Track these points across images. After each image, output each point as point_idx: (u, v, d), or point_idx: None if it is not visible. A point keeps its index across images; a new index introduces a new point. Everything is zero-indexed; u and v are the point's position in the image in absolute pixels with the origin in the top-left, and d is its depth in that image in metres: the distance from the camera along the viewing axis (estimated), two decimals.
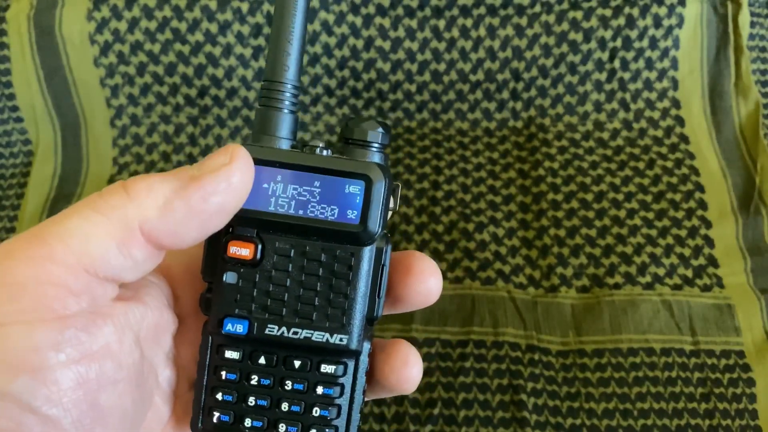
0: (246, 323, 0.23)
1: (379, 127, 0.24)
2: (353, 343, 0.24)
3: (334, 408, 0.24)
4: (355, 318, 0.24)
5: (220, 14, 0.53)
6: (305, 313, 0.23)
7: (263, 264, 0.23)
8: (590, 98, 0.55)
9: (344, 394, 0.24)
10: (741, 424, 0.42)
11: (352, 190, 0.23)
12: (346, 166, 0.23)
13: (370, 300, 0.24)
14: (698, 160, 0.53)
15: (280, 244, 0.23)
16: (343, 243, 0.23)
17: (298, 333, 0.23)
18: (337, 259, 0.23)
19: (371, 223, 0.23)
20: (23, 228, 0.52)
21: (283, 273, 0.23)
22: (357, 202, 0.23)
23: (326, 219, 0.23)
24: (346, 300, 0.23)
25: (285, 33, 0.23)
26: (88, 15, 0.53)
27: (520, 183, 0.53)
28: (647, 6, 0.54)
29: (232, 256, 0.23)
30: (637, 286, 0.47)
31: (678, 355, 0.44)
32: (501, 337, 0.45)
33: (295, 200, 0.23)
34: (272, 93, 0.24)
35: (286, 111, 0.24)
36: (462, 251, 0.49)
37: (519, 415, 0.42)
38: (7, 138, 0.56)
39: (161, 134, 0.55)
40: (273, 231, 0.23)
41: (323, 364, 0.24)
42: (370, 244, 0.23)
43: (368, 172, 0.23)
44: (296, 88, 0.24)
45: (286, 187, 0.23)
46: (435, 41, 0.55)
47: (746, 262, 0.48)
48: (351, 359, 0.24)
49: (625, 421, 0.42)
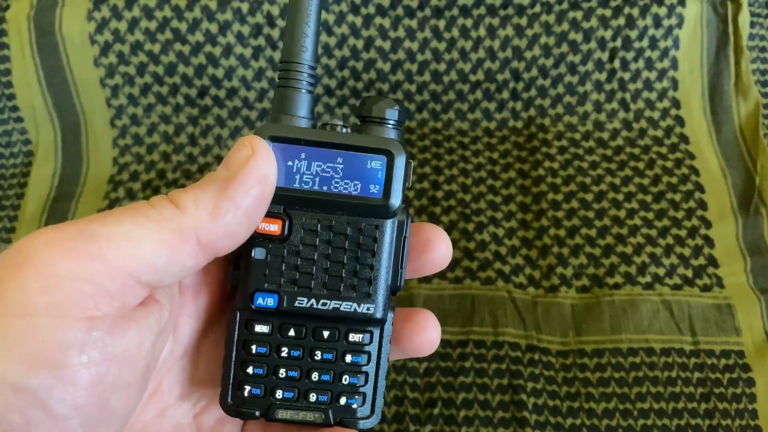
0: (276, 297, 0.24)
1: (396, 105, 0.25)
2: (379, 312, 0.25)
3: (362, 375, 0.25)
4: (380, 288, 0.25)
5: (220, 14, 0.53)
6: (333, 285, 0.24)
7: (291, 239, 0.24)
8: (590, 98, 0.55)
9: (371, 362, 0.25)
10: (741, 424, 0.42)
11: (374, 165, 0.24)
12: (368, 142, 0.24)
13: (393, 270, 0.25)
14: (698, 160, 0.53)
15: (306, 219, 0.24)
16: (366, 216, 0.24)
17: (326, 304, 0.24)
18: (362, 232, 0.24)
19: (393, 196, 0.24)
20: (23, 228, 0.52)
21: (311, 247, 0.24)
22: (379, 176, 0.24)
23: (350, 194, 0.24)
24: (372, 271, 0.24)
25: (302, 15, 0.24)
26: (88, 15, 0.53)
27: (520, 183, 0.53)
28: (647, 6, 0.54)
29: (261, 232, 0.24)
30: (637, 286, 0.47)
31: (678, 355, 0.44)
32: (501, 337, 0.45)
33: (319, 176, 0.24)
34: (290, 73, 0.24)
35: (304, 91, 0.24)
36: (462, 251, 0.49)
37: (519, 415, 0.42)
38: (7, 138, 0.56)
39: (161, 134, 0.55)
40: (299, 207, 0.24)
41: (351, 333, 0.25)
42: (393, 217, 0.24)
43: (390, 147, 0.24)
44: (313, 68, 0.25)
45: (310, 164, 0.24)
46: (435, 41, 0.55)
47: (746, 262, 0.48)
48: (377, 328, 0.25)
49: (625, 421, 0.42)
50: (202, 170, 0.54)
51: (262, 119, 0.56)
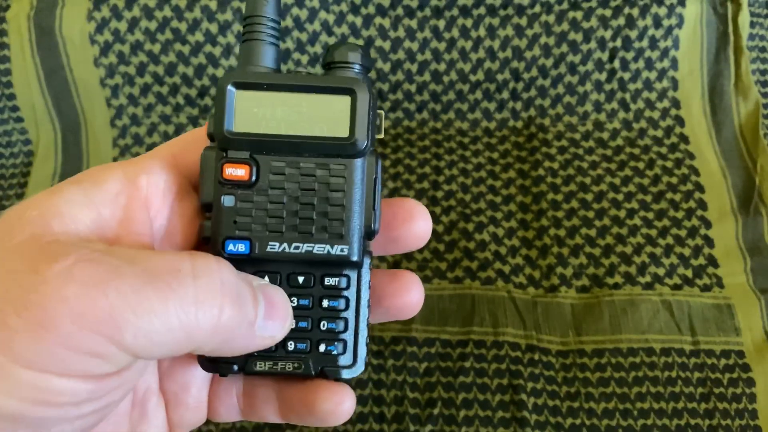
0: (248, 243, 0.24)
1: (359, 48, 0.25)
2: (354, 254, 0.24)
3: (341, 321, 0.25)
4: (353, 228, 0.24)
5: (220, 14, 0.53)
6: (305, 227, 0.24)
7: (259, 184, 0.24)
8: (590, 98, 0.56)
9: (350, 307, 0.25)
10: (741, 424, 0.42)
11: (339, 106, 0.24)
12: (331, 82, 0.24)
13: (366, 211, 0.24)
14: (698, 160, 0.53)
15: (274, 162, 0.24)
16: (334, 157, 0.24)
17: (299, 248, 0.24)
18: (331, 172, 0.24)
19: (359, 134, 0.23)
20: None
21: (280, 191, 0.24)
22: (344, 116, 0.23)
23: (316, 135, 0.23)
24: (344, 211, 0.24)
25: None
26: (88, 15, 0.53)
27: (520, 183, 0.53)
28: (647, 6, 0.54)
29: (228, 178, 0.24)
30: (637, 286, 0.47)
31: (678, 355, 0.44)
32: (501, 337, 0.45)
33: (284, 120, 0.24)
34: (254, 26, 0.24)
35: (267, 42, 0.24)
36: (462, 251, 0.49)
37: (519, 415, 0.42)
38: (8, 138, 0.56)
39: (161, 134, 0.55)
40: (266, 151, 0.24)
41: (326, 278, 0.25)
42: (362, 157, 0.24)
43: (353, 86, 0.23)
44: (276, 22, 0.24)
45: (274, 108, 0.23)
46: (435, 41, 0.55)
47: (746, 262, 0.48)
48: (353, 271, 0.25)
49: (625, 421, 0.42)
50: None
51: None
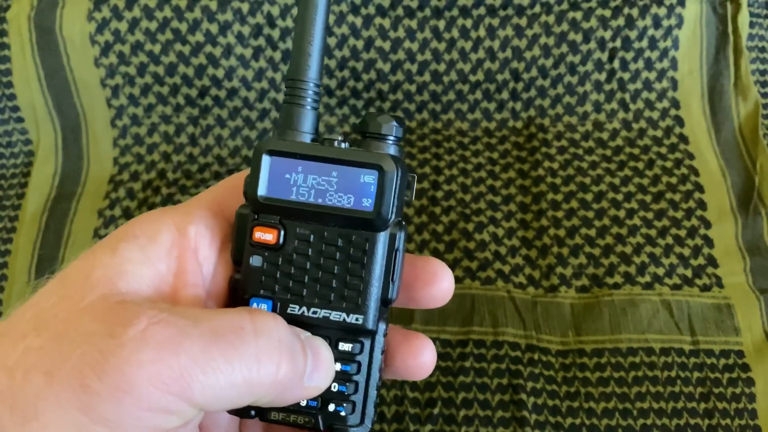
0: (270, 303, 0.25)
1: (393, 120, 0.25)
2: (369, 323, 0.25)
3: (351, 384, 0.26)
4: (370, 299, 0.25)
5: (221, 15, 0.53)
6: (323, 294, 0.25)
7: (285, 248, 0.25)
8: (590, 98, 0.56)
9: (361, 372, 0.26)
10: (740, 423, 0.42)
11: (366, 179, 0.25)
12: (361, 157, 0.25)
13: (384, 282, 0.25)
14: (698, 160, 0.53)
15: (300, 229, 0.25)
16: (358, 229, 0.25)
17: (317, 312, 0.25)
18: (353, 244, 0.25)
19: (384, 210, 0.24)
20: (24, 228, 0.52)
21: (303, 256, 0.25)
22: (371, 190, 0.24)
23: (343, 206, 0.25)
24: (361, 282, 0.25)
25: (307, 35, 0.25)
26: (88, 15, 0.53)
27: (519, 183, 0.53)
28: (647, 6, 0.54)
29: (257, 240, 0.25)
30: (637, 286, 0.47)
31: (677, 354, 0.44)
32: (501, 337, 0.45)
33: (314, 189, 0.25)
34: (295, 90, 0.25)
35: (308, 107, 0.25)
36: (462, 251, 0.49)
37: (518, 415, 0.42)
38: (8, 138, 0.56)
39: (162, 134, 0.56)
40: (294, 218, 0.25)
41: (341, 342, 0.26)
42: (384, 230, 0.25)
43: (381, 163, 0.24)
44: (317, 86, 0.25)
45: (306, 177, 0.25)
46: (435, 42, 0.55)
47: (745, 262, 0.48)
48: (367, 338, 0.26)
49: (625, 421, 0.42)
50: (203, 170, 0.54)
51: (262, 119, 0.56)
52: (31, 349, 0.20)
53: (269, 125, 0.56)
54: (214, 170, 0.54)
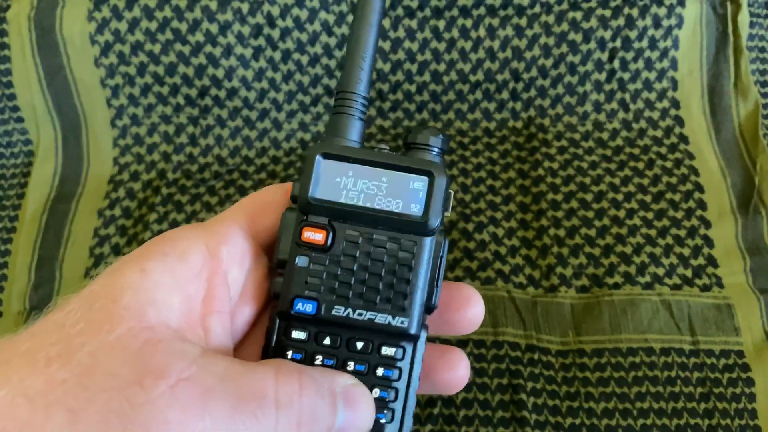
0: (315, 304, 0.25)
1: (440, 134, 0.27)
2: (413, 327, 0.25)
3: (392, 390, 0.26)
4: (415, 303, 0.25)
5: (221, 15, 0.53)
6: (370, 296, 0.25)
7: (333, 249, 0.25)
8: (590, 98, 0.56)
9: (402, 378, 0.26)
10: (740, 423, 0.42)
11: (416, 185, 0.25)
12: (412, 163, 0.25)
13: (428, 288, 0.26)
14: (698, 160, 0.53)
15: (349, 231, 0.25)
16: (406, 233, 0.25)
17: (362, 314, 0.25)
18: (401, 247, 0.25)
19: (433, 215, 0.25)
20: (24, 228, 0.52)
21: (351, 258, 0.25)
22: (420, 196, 0.25)
23: (392, 210, 0.25)
24: (408, 285, 0.25)
25: (360, 50, 0.26)
26: (88, 15, 0.53)
27: (519, 183, 0.53)
28: (647, 6, 0.54)
29: (306, 240, 0.25)
30: (637, 286, 0.47)
31: (677, 354, 0.44)
32: (500, 337, 0.45)
33: (364, 193, 0.25)
34: (345, 101, 0.26)
35: (356, 118, 0.26)
36: (462, 251, 0.49)
37: (518, 415, 0.42)
38: (8, 138, 0.56)
39: (162, 134, 0.56)
40: (343, 220, 0.25)
41: (384, 347, 0.26)
42: (431, 236, 0.25)
43: (432, 169, 0.25)
44: (366, 99, 0.27)
45: (356, 180, 0.25)
46: (435, 42, 0.55)
47: (745, 262, 0.48)
48: (409, 344, 0.26)
49: (625, 421, 0.42)
50: (203, 170, 0.54)
51: (262, 119, 0.56)
52: (56, 381, 0.20)
53: (269, 125, 0.56)
54: (214, 170, 0.54)
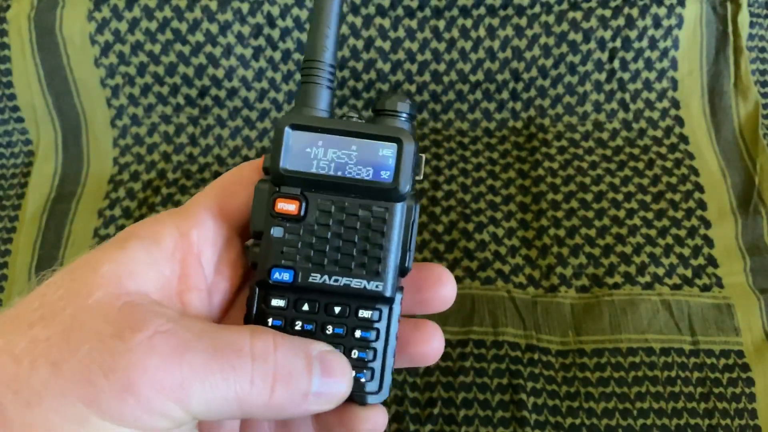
0: (291, 272, 0.26)
1: (407, 99, 0.27)
2: (388, 290, 0.26)
3: (371, 350, 0.27)
4: (389, 267, 0.26)
5: (221, 15, 0.53)
6: (345, 262, 0.26)
7: (307, 219, 0.26)
8: (590, 98, 0.56)
9: (380, 338, 0.27)
10: (740, 423, 0.42)
11: (385, 152, 0.26)
12: (380, 131, 0.26)
13: (402, 252, 0.26)
14: (698, 160, 0.53)
15: (321, 200, 0.26)
16: (377, 200, 0.26)
17: (338, 280, 0.26)
18: (373, 214, 0.26)
19: (403, 181, 0.26)
20: (24, 228, 0.52)
21: (325, 227, 0.26)
22: (390, 163, 0.26)
23: (362, 178, 0.26)
24: (381, 251, 0.26)
25: (324, 18, 0.26)
26: (88, 15, 0.53)
27: (519, 183, 0.53)
28: (647, 6, 0.54)
29: (279, 211, 0.26)
30: (637, 286, 0.47)
31: (677, 354, 0.44)
32: (501, 337, 0.45)
33: (334, 162, 0.26)
34: (312, 70, 0.26)
35: (324, 86, 0.27)
36: (462, 251, 0.49)
37: (519, 415, 0.42)
38: (8, 138, 0.56)
39: (162, 134, 0.56)
40: (315, 189, 0.26)
41: (361, 310, 0.27)
42: (402, 201, 0.26)
43: (400, 136, 0.26)
44: (333, 66, 0.27)
45: (326, 150, 0.26)
46: (435, 42, 0.55)
47: (745, 262, 0.48)
48: (386, 306, 0.27)
49: (625, 421, 0.42)
50: (203, 170, 0.54)
51: (262, 119, 0.56)
52: (39, 339, 0.21)
53: (269, 125, 0.56)
54: (214, 170, 0.54)
